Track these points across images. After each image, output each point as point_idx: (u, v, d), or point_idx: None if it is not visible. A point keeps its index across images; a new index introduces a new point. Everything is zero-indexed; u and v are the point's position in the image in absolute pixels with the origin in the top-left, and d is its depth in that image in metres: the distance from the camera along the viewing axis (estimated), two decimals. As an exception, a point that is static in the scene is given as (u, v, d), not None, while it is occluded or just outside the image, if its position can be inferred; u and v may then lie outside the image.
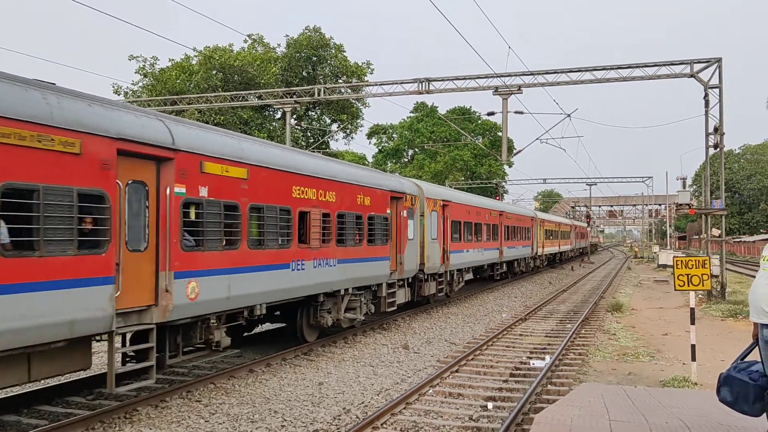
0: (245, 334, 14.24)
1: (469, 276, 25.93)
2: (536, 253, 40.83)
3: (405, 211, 17.71)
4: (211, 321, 10.20)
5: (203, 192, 9.56)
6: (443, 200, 21.36)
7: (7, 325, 6.66)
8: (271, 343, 14.52)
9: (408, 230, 17.90)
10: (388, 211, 16.45)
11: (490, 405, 9.54)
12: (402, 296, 17.86)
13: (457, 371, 11.92)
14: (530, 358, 13.25)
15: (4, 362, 7.04)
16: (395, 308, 17.39)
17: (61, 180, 7.30)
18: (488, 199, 34.22)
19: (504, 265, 32.05)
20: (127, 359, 9.45)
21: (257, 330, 15.39)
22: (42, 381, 10.89)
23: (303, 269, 12.36)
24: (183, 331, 9.84)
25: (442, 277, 21.30)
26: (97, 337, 8.33)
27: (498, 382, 11.19)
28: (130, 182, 8.43)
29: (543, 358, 12.89)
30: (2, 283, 6.63)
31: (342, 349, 14.11)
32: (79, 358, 8.12)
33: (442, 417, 8.96)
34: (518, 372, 11.97)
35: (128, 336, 9.13)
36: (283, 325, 15.30)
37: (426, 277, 19.70)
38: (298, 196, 12.18)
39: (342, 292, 14.22)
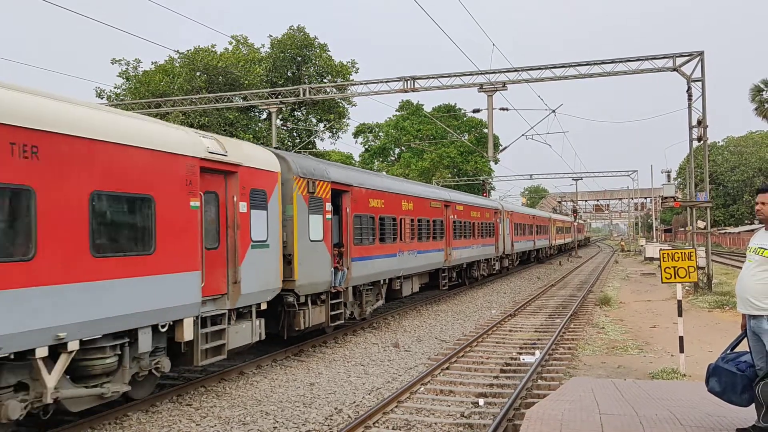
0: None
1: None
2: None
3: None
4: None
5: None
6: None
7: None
8: (261, 345, 14.46)
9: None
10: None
11: (481, 401, 9.56)
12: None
13: (447, 368, 11.95)
14: (520, 353, 13.31)
15: None
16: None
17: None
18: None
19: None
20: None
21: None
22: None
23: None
24: None
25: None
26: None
27: (489, 378, 11.23)
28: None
29: (533, 354, 12.95)
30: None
31: (332, 348, 14.09)
32: None
33: (434, 414, 8.98)
34: (509, 368, 12.02)
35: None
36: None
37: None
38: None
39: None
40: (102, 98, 42.13)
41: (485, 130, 55.69)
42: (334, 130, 50.22)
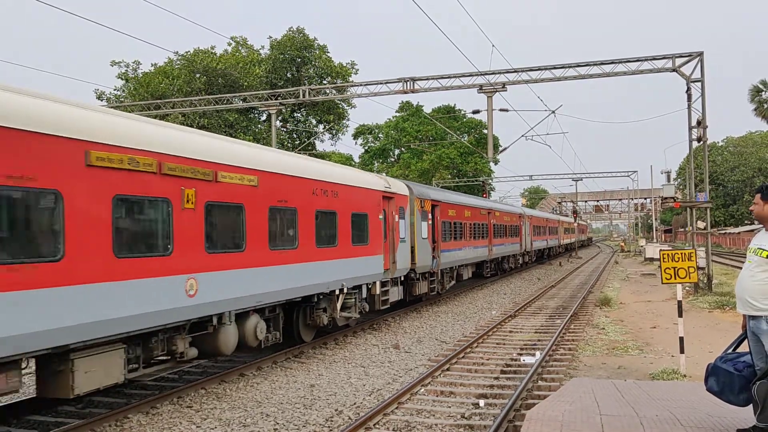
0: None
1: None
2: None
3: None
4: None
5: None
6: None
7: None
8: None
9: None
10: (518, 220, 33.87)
11: (481, 402, 9.56)
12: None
13: (448, 369, 11.95)
14: (520, 354, 13.30)
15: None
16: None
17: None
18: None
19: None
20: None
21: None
22: (32, 391, 10.83)
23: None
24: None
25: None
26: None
27: (489, 379, 11.23)
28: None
29: (533, 355, 12.95)
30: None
31: (333, 350, 14.10)
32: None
33: (434, 416, 8.98)
34: (509, 369, 12.01)
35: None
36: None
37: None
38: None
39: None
40: (102, 100, 42.15)
41: (485, 131, 55.69)
42: (334, 132, 50.26)
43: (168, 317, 8.99)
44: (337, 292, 14.16)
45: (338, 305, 14.34)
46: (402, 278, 18.84)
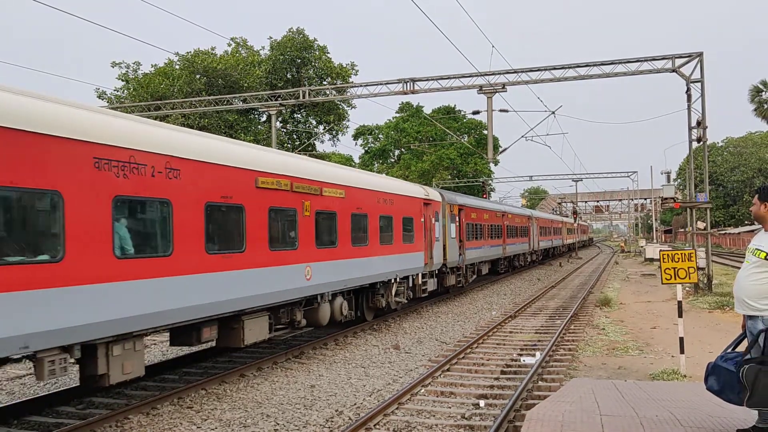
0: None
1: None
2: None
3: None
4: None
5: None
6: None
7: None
8: (262, 348, 14.49)
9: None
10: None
11: (482, 403, 9.57)
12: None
13: (448, 370, 11.95)
14: (521, 354, 13.30)
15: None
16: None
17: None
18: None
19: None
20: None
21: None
22: (33, 392, 10.81)
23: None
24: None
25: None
26: None
27: (489, 379, 11.23)
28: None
29: (533, 355, 12.95)
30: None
31: (333, 351, 14.10)
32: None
33: (434, 416, 8.98)
34: (509, 369, 12.02)
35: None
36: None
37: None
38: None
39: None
40: (102, 100, 42.17)
41: (485, 132, 55.70)
42: (334, 132, 50.26)
43: (295, 294, 12.45)
44: (392, 281, 17.71)
45: (392, 292, 17.83)
46: (436, 271, 21.88)
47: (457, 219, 24.52)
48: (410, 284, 19.13)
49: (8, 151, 6.80)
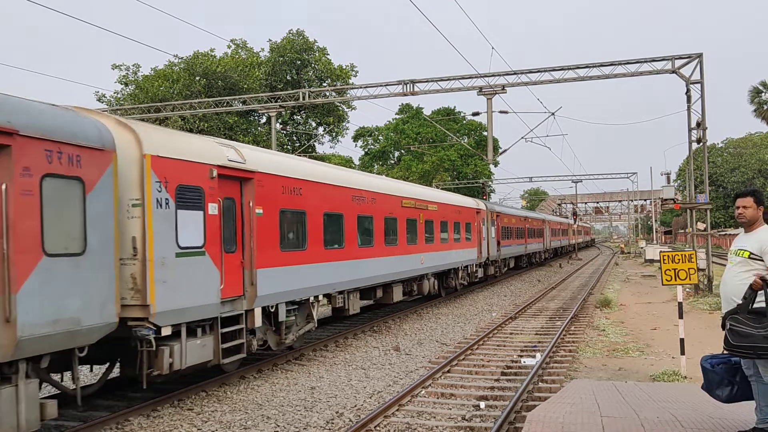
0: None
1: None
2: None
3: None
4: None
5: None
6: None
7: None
8: (263, 349, 14.47)
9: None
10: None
11: (482, 404, 9.57)
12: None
13: (448, 371, 11.95)
14: (521, 356, 13.30)
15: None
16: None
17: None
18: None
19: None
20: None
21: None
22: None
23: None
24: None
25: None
26: None
27: (490, 381, 11.23)
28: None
29: (534, 356, 12.95)
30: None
31: (333, 352, 14.10)
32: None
33: (435, 418, 8.98)
34: (509, 370, 12.01)
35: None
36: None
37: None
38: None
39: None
40: (102, 102, 42.20)
41: (485, 133, 55.74)
42: (334, 134, 50.26)
43: (415, 272, 19.77)
44: (459, 268, 24.96)
45: (459, 276, 24.95)
46: (482, 263, 28.79)
47: (495, 223, 31.44)
48: (468, 272, 26.30)
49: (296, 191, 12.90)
